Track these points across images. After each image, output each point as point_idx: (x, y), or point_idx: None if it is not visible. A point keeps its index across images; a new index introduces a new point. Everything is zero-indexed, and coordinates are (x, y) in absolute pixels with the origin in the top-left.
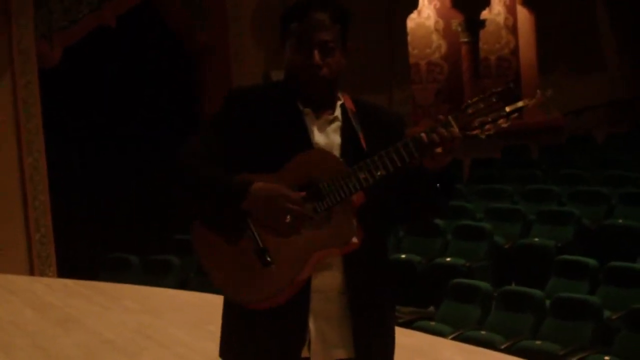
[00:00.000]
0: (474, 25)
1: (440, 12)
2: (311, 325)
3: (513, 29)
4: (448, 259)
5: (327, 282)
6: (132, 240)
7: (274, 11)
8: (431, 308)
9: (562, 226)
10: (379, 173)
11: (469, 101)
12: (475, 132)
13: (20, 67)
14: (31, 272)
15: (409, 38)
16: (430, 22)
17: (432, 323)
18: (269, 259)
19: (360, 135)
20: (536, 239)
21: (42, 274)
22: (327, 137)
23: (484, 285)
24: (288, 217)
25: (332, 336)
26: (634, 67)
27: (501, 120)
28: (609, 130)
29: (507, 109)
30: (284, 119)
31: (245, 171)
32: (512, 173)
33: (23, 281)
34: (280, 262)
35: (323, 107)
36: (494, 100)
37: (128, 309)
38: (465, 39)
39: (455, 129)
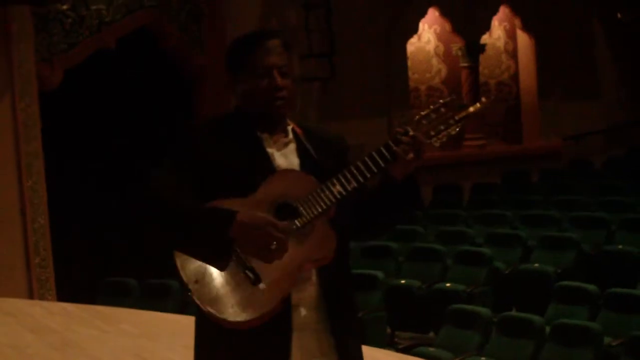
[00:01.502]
0: (474, 49)
1: (440, 37)
2: (293, 339)
3: (513, 54)
4: (448, 285)
5: (304, 295)
6: (131, 264)
7: None
8: (431, 334)
9: (562, 252)
10: (352, 185)
11: (421, 113)
12: (431, 140)
13: (20, 89)
14: (30, 296)
15: (409, 62)
16: (431, 47)
17: (432, 349)
18: (258, 275)
19: (313, 154)
20: (536, 265)
21: (42, 297)
22: (286, 158)
23: (484, 310)
24: (274, 244)
25: (312, 348)
26: (631, 93)
27: (452, 127)
28: (606, 155)
29: (457, 116)
30: (244, 145)
31: (215, 199)
32: (512, 198)
33: (22, 304)
34: (268, 282)
35: (277, 131)
36: (443, 110)
37: (126, 333)
38: (466, 64)
39: (418, 135)
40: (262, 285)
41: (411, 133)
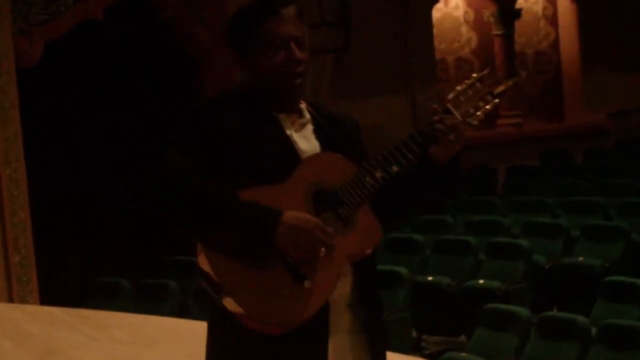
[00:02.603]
0: (508, 15)
1: (470, 1)
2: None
3: (553, 20)
4: (481, 282)
5: (340, 293)
6: (124, 262)
7: None
8: (462, 337)
9: (609, 243)
10: (394, 169)
11: (457, 88)
12: (472, 118)
13: None
14: (10, 299)
15: (434, 31)
16: (459, 13)
17: (464, 354)
18: (303, 273)
19: (332, 136)
20: (580, 258)
21: (22, 300)
22: (307, 140)
23: (521, 310)
24: (323, 250)
25: (345, 349)
26: None
27: (491, 104)
28: None
29: (494, 91)
30: (261, 127)
31: (239, 186)
32: (552, 182)
33: (1, 309)
34: (315, 277)
35: (293, 110)
36: (478, 85)
37: (118, 339)
38: (499, 31)
39: (457, 116)
40: (307, 284)
41: (450, 115)
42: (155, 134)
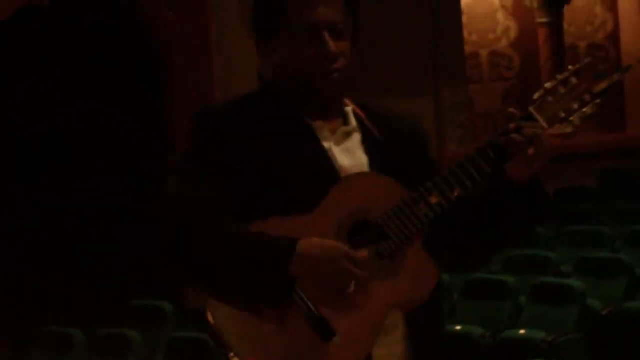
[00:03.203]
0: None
1: None
2: None
3: (611, 5)
4: (522, 332)
5: (388, 352)
6: (75, 309)
7: None
8: None
9: None
10: (455, 194)
11: (546, 86)
12: (562, 124)
13: None
14: None
15: (464, 19)
16: None
17: None
18: (330, 326)
19: (386, 148)
20: None
21: None
22: (350, 155)
23: None
24: (352, 284)
25: None
26: None
27: (589, 105)
28: None
29: (594, 89)
30: (289, 139)
31: (257, 216)
32: (612, 208)
33: None
34: (344, 334)
35: (332, 116)
36: (574, 81)
37: None
38: (544, 19)
39: (542, 123)
40: (336, 340)
41: (533, 123)
42: (108, 144)
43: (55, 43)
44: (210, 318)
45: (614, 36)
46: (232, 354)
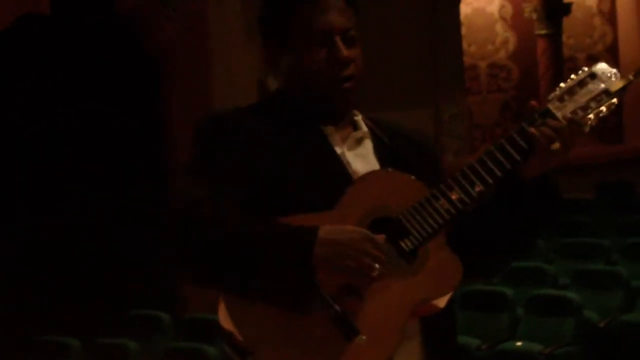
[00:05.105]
0: (555, 11)
1: None
2: None
3: (610, 17)
4: (519, 343)
5: (404, 358)
6: (72, 317)
7: None
8: None
9: None
10: (477, 189)
11: (562, 86)
12: (579, 123)
13: None
14: None
15: (463, 30)
16: (494, 8)
17: None
18: (354, 325)
19: (398, 154)
20: None
21: None
22: (363, 160)
23: None
24: (377, 267)
25: None
26: None
27: (606, 104)
28: None
29: (612, 87)
30: (302, 145)
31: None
32: (609, 220)
33: None
34: (369, 332)
35: (343, 122)
36: (590, 80)
37: None
38: (543, 31)
39: (560, 120)
40: (360, 339)
41: (559, 115)
42: (104, 158)
43: (56, 47)
44: (226, 324)
45: (613, 48)
46: (250, 358)
